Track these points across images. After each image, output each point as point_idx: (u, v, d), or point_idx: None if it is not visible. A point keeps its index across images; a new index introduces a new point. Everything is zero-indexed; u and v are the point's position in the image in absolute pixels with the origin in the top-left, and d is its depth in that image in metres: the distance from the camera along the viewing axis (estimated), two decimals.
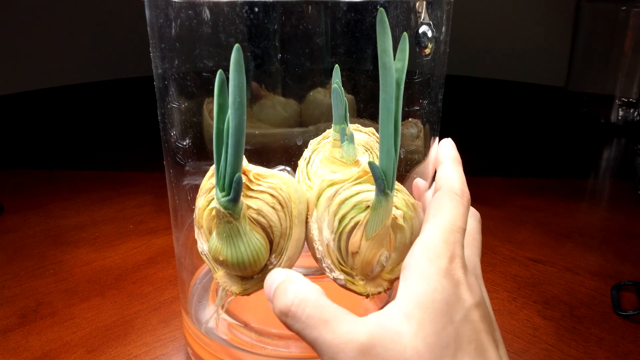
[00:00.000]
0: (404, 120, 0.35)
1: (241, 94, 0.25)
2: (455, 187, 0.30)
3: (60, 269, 0.52)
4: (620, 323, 0.45)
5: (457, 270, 0.27)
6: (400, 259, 0.30)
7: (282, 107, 0.34)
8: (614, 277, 0.52)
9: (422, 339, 0.25)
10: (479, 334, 0.26)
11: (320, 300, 0.25)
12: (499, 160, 0.90)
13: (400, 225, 0.30)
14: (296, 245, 0.29)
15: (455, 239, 0.27)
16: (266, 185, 0.29)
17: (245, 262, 0.29)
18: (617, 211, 0.69)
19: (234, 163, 0.26)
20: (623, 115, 1.03)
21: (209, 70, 0.31)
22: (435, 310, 0.25)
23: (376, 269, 0.29)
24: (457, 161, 0.32)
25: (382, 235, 0.28)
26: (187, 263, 0.39)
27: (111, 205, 0.67)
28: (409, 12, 0.33)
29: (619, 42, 1.00)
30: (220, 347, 0.36)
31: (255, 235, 0.29)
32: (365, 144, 0.35)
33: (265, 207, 0.29)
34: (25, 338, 0.42)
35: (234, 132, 0.26)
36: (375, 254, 0.29)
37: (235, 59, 0.25)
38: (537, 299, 0.48)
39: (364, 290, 0.30)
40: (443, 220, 0.28)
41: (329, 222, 0.29)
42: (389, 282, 0.30)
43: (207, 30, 0.30)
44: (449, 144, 0.33)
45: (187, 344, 0.39)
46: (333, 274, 0.29)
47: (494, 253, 0.57)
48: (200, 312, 0.39)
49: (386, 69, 0.26)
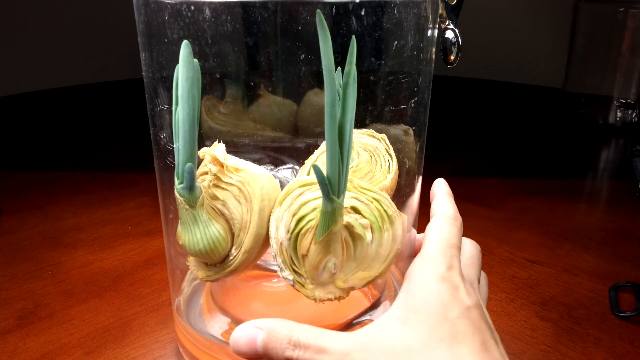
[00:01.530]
0: (390, 121, 0.35)
1: (190, 87, 0.27)
2: (449, 213, 0.33)
3: (58, 270, 0.52)
4: (618, 324, 0.45)
5: (454, 277, 0.28)
6: (360, 269, 0.30)
7: (277, 108, 0.34)
8: (611, 278, 0.52)
9: (415, 336, 0.26)
10: (480, 329, 0.27)
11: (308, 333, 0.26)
12: (496, 161, 0.90)
13: (359, 234, 0.29)
14: (254, 240, 0.30)
15: (452, 253, 0.30)
16: (236, 179, 0.30)
17: (201, 249, 0.30)
18: (615, 212, 0.69)
19: (184, 153, 0.28)
20: (621, 116, 1.03)
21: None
22: (428, 311, 0.26)
23: (322, 275, 0.29)
24: (450, 194, 0.36)
25: (328, 241, 0.28)
26: (179, 263, 0.39)
27: (109, 206, 0.67)
28: (419, 14, 0.32)
29: (617, 43, 1.00)
30: (213, 345, 0.36)
31: (215, 224, 0.30)
32: (373, 150, 0.35)
33: (231, 200, 0.30)
34: (23, 340, 0.42)
35: (183, 123, 0.28)
36: (321, 259, 0.28)
37: (183, 54, 0.27)
38: (535, 300, 0.49)
39: (311, 294, 0.29)
40: (440, 238, 0.31)
41: (286, 221, 0.29)
42: (344, 291, 0.30)
43: (197, 32, 0.30)
44: (442, 183, 0.37)
45: (180, 344, 0.39)
46: (283, 273, 0.30)
47: (492, 254, 0.57)
48: (192, 311, 0.39)
49: (327, 72, 0.25)
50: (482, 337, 0.26)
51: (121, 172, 0.79)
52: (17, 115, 1.11)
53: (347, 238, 0.29)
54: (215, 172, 0.31)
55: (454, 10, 0.33)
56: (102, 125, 1.07)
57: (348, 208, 0.30)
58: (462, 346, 0.26)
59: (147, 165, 0.84)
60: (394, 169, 0.35)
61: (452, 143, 0.96)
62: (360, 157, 0.35)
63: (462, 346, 0.26)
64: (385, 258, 0.30)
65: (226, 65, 0.31)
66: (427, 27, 0.33)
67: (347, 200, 0.30)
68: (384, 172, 0.34)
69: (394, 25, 0.31)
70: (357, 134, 0.36)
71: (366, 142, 0.35)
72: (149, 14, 0.31)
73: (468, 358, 0.25)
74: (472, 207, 0.69)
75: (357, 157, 0.35)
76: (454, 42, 0.33)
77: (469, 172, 0.83)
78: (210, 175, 0.31)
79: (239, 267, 0.31)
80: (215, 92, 0.33)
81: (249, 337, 0.26)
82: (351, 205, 0.30)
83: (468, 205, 0.69)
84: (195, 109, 0.28)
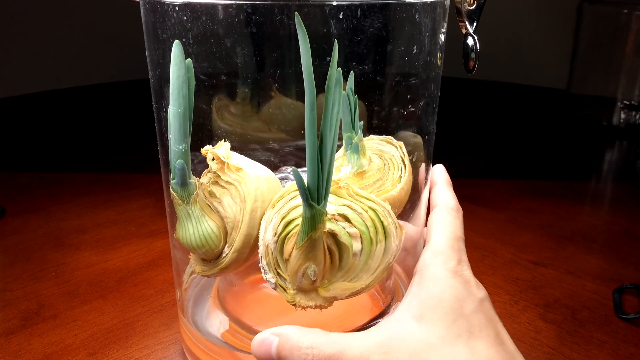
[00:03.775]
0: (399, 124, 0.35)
1: (181, 85, 0.28)
2: (451, 204, 0.33)
3: (62, 271, 0.52)
4: (622, 326, 0.45)
5: (465, 271, 0.29)
6: (345, 279, 0.29)
7: (287, 109, 0.34)
8: (615, 280, 0.52)
9: (433, 333, 0.26)
10: (494, 322, 0.28)
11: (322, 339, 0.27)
12: (500, 162, 0.90)
13: (344, 243, 0.28)
14: (245, 240, 0.30)
15: (459, 246, 0.30)
16: (234, 178, 0.31)
17: (193, 244, 0.31)
18: (619, 214, 0.68)
19: (174, 149, 0.29)
20: (625, 117, 1.03)
21: (205, 74, 0.32)
22: (444, 307, 0.27)
23: (301, 281, 0.28)
24: (449, 183, 0.36)
25: (308, 247, 0.27)
26: (184, 263, 0.39)
27: (113, 207, 0.67)
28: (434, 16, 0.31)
29: (621, 45, 0.99)
30: (221, 350, 0.36)
31: (208, 221, 0.30)
32: (389, 158, 0.34)
33: (227, 198, 0.31)
34: (27, 340, 0.42)
35: (173, 120, 0.29)
36: (301, 265, 0.28)
37: (174, 54, 0.28)
38: (538, 302, 0.48)
39: (291, 299, 0.29)
40: (446, 231, 0.31)
41: (275, 223, 0.29)
42: (326, 300, 0.29)
43: (205, 33, 0.30)
44: (441, 169, 0.37)
45: (185, 347, 0.39)
46: (266, 275, 0.30)
47: (496, 256, 0.57)
48: (198, 313, 0.39)
49: (306, 74, 0.25)
50: (495, 329, 0.27)
51: (125, 173, 0.79)
52: (21, 116, 1.11)
53: (332, 246, 0.29)
54: (215, 170, 0.31)
55: (473, 15, 0.33)
56: (106, 126, 1.07)
57: (336, 215, 0.29)
58: (478, 341, 0.26)
59: (150, 166, 0.84)
60: (405, 179, 0.34)
61: (456, 144, 0.96)
62: (372, 164, 0.34)
63: (479, 341, 0.26)
64: (374, 270, 0.29)
65: (236, 66, 0.31)
66: (437, 32, 0.32)
67: (338, 207, 0.29)
68: (393, 182, 0.33)
69: (403, 29, 0.31)
70: (375, 140, 0.35)
71: (383, 150, 0.35)
72: (156, 15, 0.31)
73: (485, 352, 0.26)
74: (475, 208, 0.69)
75: (369, 164, 0.34)
76: (472, 49, 0.33)
77: (473, 173, 0.83)
78: (211, 173, 0.31)
79: (230, 265, 0.31)
80: (227, 92, 0.33)
81: (266, 344, 0.27)
82: (341, 212, 0.29)
83: (471, 206, 0.69)
84: (185, 107, 0.28)
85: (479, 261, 0.55)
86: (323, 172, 0.26)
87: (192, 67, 0.29)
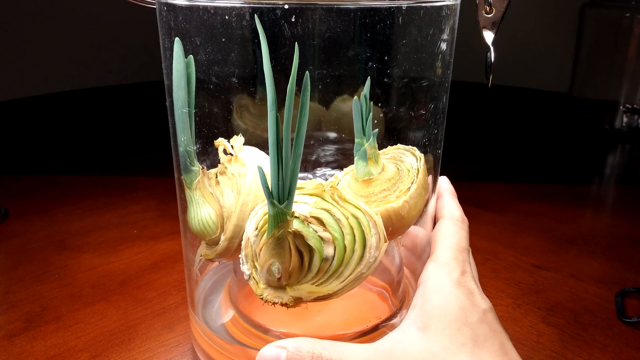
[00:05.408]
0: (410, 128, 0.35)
1: (180, 79, 0.30)
2: (457, 215, 0.34)
3: (64, 274, 0.53)
4: (624, 330, 0.45)
5: (469, 282, 0.29)
6: (313, 282, 0.29)
7: None
8: (618, 284, 0.52)
9: (437, 342, 0.26)
10: (498, 333, 0.28)
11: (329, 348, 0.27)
12: (502, 165, 0.90)
13: (311, 246, 0.28)
14: (234, 230, 0.32)
15: (463, 257, 0.30)
16: (237, 171, 0.32)
17: (193, 227, 0.33)
18: (621, 217, 0.68)
19: (174, 138, 0.32)
20: (627, 121, 1.03)
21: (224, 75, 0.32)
22: (448, 317, 0.27)
23: (265, 276, 0.29)
24: (454, 194, 0.37)
25: (271, 245, 0.28)
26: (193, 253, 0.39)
27: (115, 210, 0.67)
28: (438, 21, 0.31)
29: (623, 48, 1.00)
30: (234, 349, 0.36)
31: (207, 208, 0.32)
32: (406, 170, 0.34)
33: (227, 189, 0.33)
34: (30, 343, 0.42)
35: (176, 112, 0.31)
36: (266, 260, 0.29)
37: (175, 50, 0.29)
38: (541, 305, 0.48)
39: (260, 292, 0.30)
40: (451, 242, 0.31)
41: (258, 218, 0.30)
42: (292, 299, 0.29)
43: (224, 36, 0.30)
44: (446, 181, 0.38)
45: (197, 345, 0.39)
46: (243, 266, 0.31)
47: (498, 259, 0.57)
48: (208, 311, 0.39)
49: (267, 75, 0.26)
50: (499, 339, 0.27)
51: (127, 176, 0.80)
52: (23, 118, 1.12)
53: (300, 247, 0.29)
54: (224, 161, 0.33)
55: (493, 23, 0.33)
56: (109, 129, 1.07)
57: (309, 217, 0.29)
58: (482, 350, 0.26)
59: (153, 169, 0.84)
60: (411, 193, 0.33)
61: (458, 147, 0.96)
62: (383, 173, 0.33)
63: (483, 350, 0.26)
64: (345, 278, 0.29)
65: (253, 67, 0.32)
66: (441, 38, 0.32)
67: (313, 210, 0.29)
68: (399, 194, 0.33)
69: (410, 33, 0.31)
70: (400, 149, 0.35)
71: (403, 159, 0.34)
72: (175, 18, 0.31)
73: None
74: (477, 211, 0.69)
75: (380, 173, 0.33)
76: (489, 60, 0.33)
77: (475, 176, 0.83)
78: (220, 164, 0.33)
79: (224, 252, 0.33)
80: (248, 93, 0.34)
81: (273, 357, 0.27)
82: (316, 215, 0.29)
83: (473, 209, 0.69)
84: (184, 100, 0.30)
85: (481, 265, 0.55)
86: (285, 172, 0.26)
87: (192, 63, 0.31)
